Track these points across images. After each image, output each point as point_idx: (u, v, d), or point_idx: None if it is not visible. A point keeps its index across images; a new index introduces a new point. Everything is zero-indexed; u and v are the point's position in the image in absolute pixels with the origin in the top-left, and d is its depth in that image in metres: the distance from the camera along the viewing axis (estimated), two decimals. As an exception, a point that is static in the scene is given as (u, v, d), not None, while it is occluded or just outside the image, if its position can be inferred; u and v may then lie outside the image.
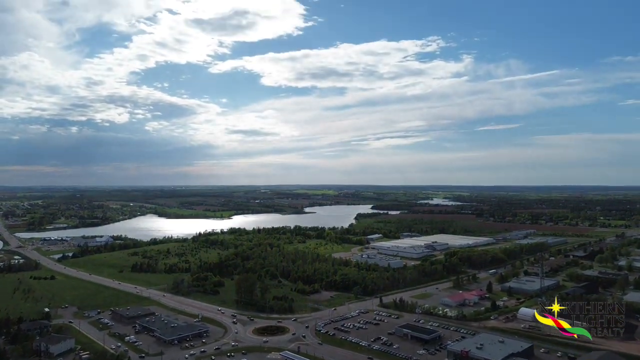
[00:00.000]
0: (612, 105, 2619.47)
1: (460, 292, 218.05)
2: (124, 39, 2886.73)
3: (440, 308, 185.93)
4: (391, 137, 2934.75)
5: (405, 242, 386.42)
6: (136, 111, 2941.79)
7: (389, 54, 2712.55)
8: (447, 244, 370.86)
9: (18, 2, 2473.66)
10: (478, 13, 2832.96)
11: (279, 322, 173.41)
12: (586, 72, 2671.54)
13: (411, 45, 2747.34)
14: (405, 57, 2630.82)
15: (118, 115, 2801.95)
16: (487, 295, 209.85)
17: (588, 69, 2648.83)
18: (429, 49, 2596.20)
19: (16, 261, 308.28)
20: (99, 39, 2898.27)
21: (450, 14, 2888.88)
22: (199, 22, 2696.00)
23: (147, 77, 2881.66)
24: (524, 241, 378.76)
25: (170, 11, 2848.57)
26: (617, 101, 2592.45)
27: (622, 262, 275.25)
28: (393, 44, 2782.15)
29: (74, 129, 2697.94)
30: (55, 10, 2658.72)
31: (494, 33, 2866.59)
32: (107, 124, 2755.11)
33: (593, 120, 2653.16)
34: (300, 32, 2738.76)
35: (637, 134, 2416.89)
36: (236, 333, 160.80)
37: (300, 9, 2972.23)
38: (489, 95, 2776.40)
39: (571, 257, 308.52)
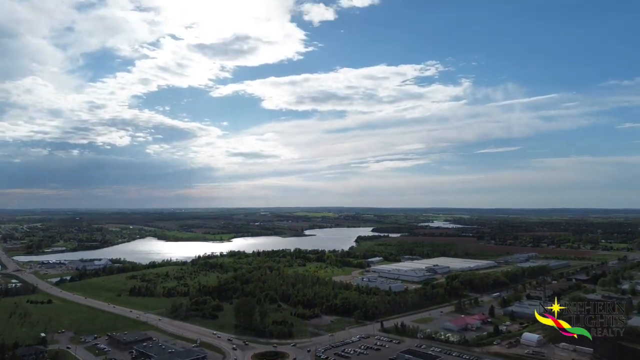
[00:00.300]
0: (610, 129, 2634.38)
1: (463, 316, 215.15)
2: (127, 64, 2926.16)
3: (442, 333, 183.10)
4: (391, 160, 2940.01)
5: (406, 265, 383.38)
6: (137, 134, 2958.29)
7: (388, 78, 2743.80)
8: (448, 267, 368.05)
9: (23, 28, 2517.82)
10: (476, 38, 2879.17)
11: (274, 346, 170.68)
12: (584, 95, 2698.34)
13: (410, 70, 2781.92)
14: (404, 81, 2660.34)
15: (119, 138, 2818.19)
16: (489, 320, 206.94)
17: (585, 92, 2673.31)
18: (427, 73, 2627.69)
19: (13, 285, 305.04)
20: (102, 63, 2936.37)
21: (449, 39, 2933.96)
22: (201, 47, 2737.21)
23: (149, 100, 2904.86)
24: (526, 264, 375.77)
25: (173, 36, 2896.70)
26: (615, 124, 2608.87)
27: (625, 286, 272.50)
28: (392, 68, 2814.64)
29: (75, 152, 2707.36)
30: (60, 35, 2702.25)
31: (491, 57, 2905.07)
32: (109, 147, 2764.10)
33: (591, 143, 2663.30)
34: (301, 57, 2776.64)
35: (636, 157, 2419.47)
36: (235, 359, 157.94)
37: (300, 34, 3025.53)
38: (488, 118, 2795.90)
39: (574, 280, 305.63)
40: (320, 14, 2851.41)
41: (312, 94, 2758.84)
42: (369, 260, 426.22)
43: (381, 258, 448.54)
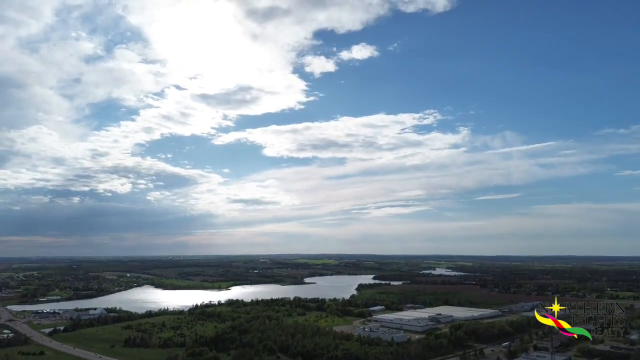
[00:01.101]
0: (608, 176, 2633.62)
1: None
2: (131, 113, 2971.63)
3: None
4: (391, 206, 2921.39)
5: (409, 315, 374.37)
6: (139, 181, 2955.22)
7: (388, 126, 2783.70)
8: (451, 316, 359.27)
9: (32, 79, 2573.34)
10: (473, 87, 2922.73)
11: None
12: (581, 143, 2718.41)
13: (409, 118, 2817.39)
14: (403, 129, 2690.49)
15: (121, 185, 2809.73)
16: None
17: (582, 140, 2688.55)
18: (426, 122, 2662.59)
19: (5, 335, 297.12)
20: (107, 113, 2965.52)
21: (446, 88, 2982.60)
22: (204, 97, 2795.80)
23: (151, 148, 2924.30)
24: (531, 313, 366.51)
25: (178, 87, 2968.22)
26: (614, 172, 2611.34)
27: (634, 336, 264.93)
28: (391, 117, 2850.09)
29: (76, 199, 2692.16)
30: (68, 86, 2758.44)
31: (489, 106, 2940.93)
32: (110, 194, 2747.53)
33: (592, 190, 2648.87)
34: (302, 106, 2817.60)
35: (637, 204, 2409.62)
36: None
37: (302, 85, 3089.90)
38: (487, 165, 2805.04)
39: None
40: (321, 65, 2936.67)
41: (313, 141, 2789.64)
42: (371, 309, 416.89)
43: (383, 307, 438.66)
